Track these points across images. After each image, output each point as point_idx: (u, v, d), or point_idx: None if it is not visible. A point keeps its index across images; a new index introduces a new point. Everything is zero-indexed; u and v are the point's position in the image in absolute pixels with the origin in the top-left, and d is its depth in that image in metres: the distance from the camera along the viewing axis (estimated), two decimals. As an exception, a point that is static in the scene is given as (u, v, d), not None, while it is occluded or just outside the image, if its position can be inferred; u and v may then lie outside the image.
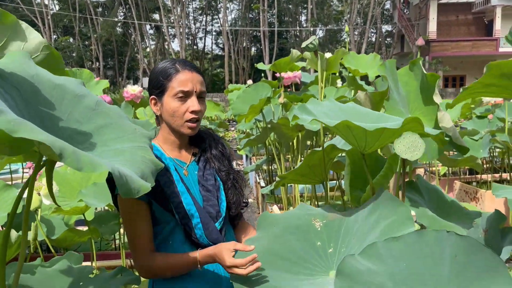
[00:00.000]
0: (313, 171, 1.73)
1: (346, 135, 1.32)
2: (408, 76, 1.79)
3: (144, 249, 1.24)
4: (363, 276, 0.85)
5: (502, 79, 1.32)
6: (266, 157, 4.04)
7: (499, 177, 4.16)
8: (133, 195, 0.79)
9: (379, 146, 1.38)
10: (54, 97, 0.94)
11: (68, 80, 1.01)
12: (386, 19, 30.20)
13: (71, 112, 0.96)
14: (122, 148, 0.96)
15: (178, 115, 1.30)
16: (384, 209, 1.17)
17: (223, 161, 1.41)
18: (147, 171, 0.91)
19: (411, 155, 1.17)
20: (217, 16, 37.24)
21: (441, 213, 1.66)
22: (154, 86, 1.34)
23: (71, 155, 0.71)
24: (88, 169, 0.72)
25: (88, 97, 1.02)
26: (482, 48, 25.05)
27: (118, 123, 1.02)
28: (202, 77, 1.36)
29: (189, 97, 1.31)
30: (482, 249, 0.86)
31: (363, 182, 1.54)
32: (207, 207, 1.31)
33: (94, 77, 3.93)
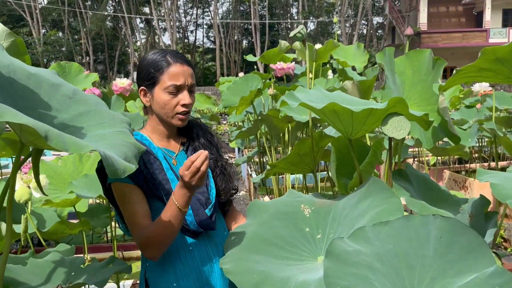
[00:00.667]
0: (303, 160, 1.75)
1: (333, 120, 1.33)
2: (404, 65, 1.81)
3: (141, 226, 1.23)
4: (351, 257, 0.87)
5: (495, 63, 1.34)
6: (257, 149, 4.06)
7: (487, 166, 4.22)
8: (120, 175, 0.80)
9: (366, 131, 1.39)
10: (31, 86, 0.94)
11: (42, 70, 1.02)
12: (377, 11, 30.22)
13: (49, 101, 0.96)
14: (103, 133, 0.97)
15: (169, 108, 1.31)
16: (374, 198, 1.19)
17: (211, 149, 1.42)
18: (130, 154, 0.92)
19: (397, 133, 1.20)
20: (208, 9, 37.02)
21: (430, 200, 1.69)
22: (144, 77, 1.33)
23: (56, 137, 0.72)
24: (74, 149, 0.73)
25: (64, 86, 1.03)
26: (472, 39, 25.17)
27: (97, 110, 1.03)
28: (192, 70, 1.36)
29: (180, 90, 1.31)
30: (466, 230, 0.89)
31: (349, 169, 1.56)
32: (196, 194, 1.32)
33: (83, 70, 3.90)
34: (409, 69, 1.83)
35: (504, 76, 1.45)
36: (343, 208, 1.30)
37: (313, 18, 29.05)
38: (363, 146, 1.58)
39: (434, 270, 0.85)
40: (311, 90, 1.46)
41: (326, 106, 1.16)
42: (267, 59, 3.21)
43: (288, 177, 3.29)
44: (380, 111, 1.24)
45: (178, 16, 30.29)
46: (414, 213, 2.08)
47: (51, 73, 1.03)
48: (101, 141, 0.93)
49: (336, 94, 1.47)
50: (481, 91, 4.05)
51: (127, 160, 0.88)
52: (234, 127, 5.61)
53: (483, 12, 25.91)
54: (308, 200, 1.38)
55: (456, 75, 1.47)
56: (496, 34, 24.96)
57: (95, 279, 1.21)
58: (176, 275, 1.29)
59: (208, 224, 1.31)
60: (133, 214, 1.23)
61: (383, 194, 1.15)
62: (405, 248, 0.89)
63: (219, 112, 13.08)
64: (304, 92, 1.41)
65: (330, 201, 1.36)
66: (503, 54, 1.32)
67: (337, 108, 1.22)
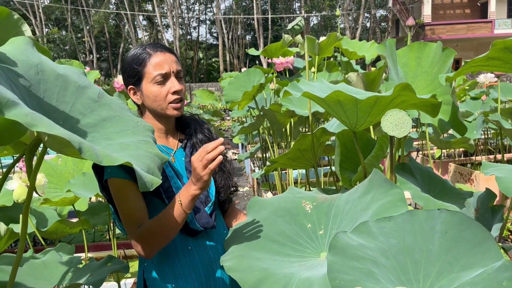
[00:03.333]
0: (304, 155, 1.72)
1: (337, 111, 1.30)
2: (407, 57, 1.77)
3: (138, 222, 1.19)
4: (355, 251, 0.85)
5: (504, 52, 1.31)
6: (260, 145, 4.03)
7: (493, 158, 4.17)
8: (149, 188, 0.81)
9: (371, 123, 1.36)
10: (58, 88, 0.93)
11: (70, 70, 0.99)
12: (380, 3, 29.99)
13: (74, 103, 0.94)
14: (126, 142, 0.95)
15: (160, 99, 1.28)
16: (377, 191, 1.16)
17: None
18: (153, 165, 0.90)
19: (398, 132, 1.16)
20: (210, 5, 36.92)
21: (434, 193, 1.66)
22: (130, 75, 1.31)
23: (89, 149, 0.72)
24: (107, 161, 0.73)
25: (90, 88, 1.01)
26: (477, 31, 24.95)
27: (121, 115, 1.01)
28: (175, 56, 1.34)
29: (167, 78, 1.29)
30: (471, 224, 0.86)
31: (353, 164, 1.52)
32: None
33: (84, 68, 3.89)
34: (413, 61, 1.79)
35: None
36: (346, 203, 1.27)
37: (315, 12, 28.87)
38: (368, 140, 1.54)
39: (440, 265, 0.83)
40: (314, 82, 1.43)
41: (330, 95, 1.12)
42: (269, 53, 3.18)
43: (291, 172, 3.26)
44: (386, 99, 1.21)
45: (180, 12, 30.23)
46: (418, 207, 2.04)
47: (79, 74, 1.01)
48: (124, 150, 0.91)
49: (340, 86, 1.44)
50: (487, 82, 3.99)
51: (150, 172, 0.87)
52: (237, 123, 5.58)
53: (488, 3, 25.65)
54: (309, 196, 1.35)
55: (465, 66, 1.44)
56: (502, 25, 24.73)
57: (92, 279, 1.19)
58: (175, 276, 1.27)
59: (208, 223, 1.29)
60: (129, 209, 1.20)
61: (385, 186, 1.12)
62: (410, 243, 0.86)
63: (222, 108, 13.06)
64: (307, 84, 1.38)
65: (332, 196, 1.33)
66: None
67: (341, 98, 1.18)
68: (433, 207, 1.45)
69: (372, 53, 3.55)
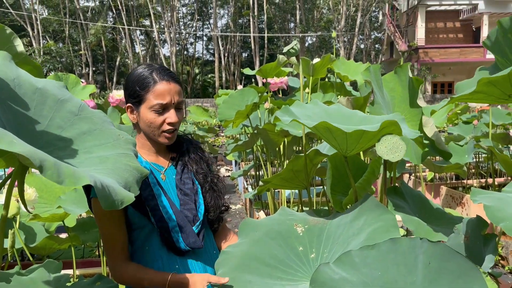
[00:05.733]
0: (297, 176, 1.72)
1: (327, 137, 1.31)
2: (394, 82, 1.79)
3: (117, 256, 1.23)
4: (337, 285, 0.84)
5: (487, 86, 1.34)
6: (253, 163, 4.03)
7: (484, 182, 4.19)
8: (117, 207, 0.77)
9: (361, 149, 1.37)
10: (35, 102, 0.92)
11: (50, 84, 0.99)
12: (374, 26, 30.44)
13: (53, 117, 0.93)
14: (105, 155, 0.93)
15: (154, 126, 1.29)
16: (369, 215, 1.16)
17: (201, 164, 1.40)
18: (131, 179, 0.89)
19: (392, 156, 1.17)
20: (207, 22, 37.27)
21: (425, 218, 1.67)
22: (131, 95, 1.31)
23: (51, 167, 0.69)
24: (69, 182, 0.70)
25: (70, 101, 1.00)
26: (469, 55, 25.36)
27: (102, 129, 1.00)
28: (180, 86, 1.34)
29: (167, 109, 1.29)
30: (454, 255, 0.86)
31: (345, 186, 1.53)
32: (184, 210, 1.30)
33: (80, 82, 3.88)
34: (399, 85, 1.82)
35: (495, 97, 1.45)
36: (337, 226, 1.27)
37: (311, 32, 29.24)
38: (360, 163, 1.55)
39: (425, 298, 0.82)
40: (308, 105, 1.44)
41: (318, 124, 1.14)
42: (264, 73, 3.20)
43: (283, 191, 3.26)
44: (372, 133, 1.22)
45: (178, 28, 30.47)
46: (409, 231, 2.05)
47: (59, 87, 1.00)
48: (102, 164, 0.90)
49: (335, 109, 1.45)
50: (478, 107, 4.05)
51: (127, 186, 0.85)
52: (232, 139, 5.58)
53: (480, 28, 26.16)
54: (301, 218, 1.34)
55: (450, 101, 1.46)
56: (494, 50, 25.11)
57: (80, 298, 1.17)
58: None
59: (195, 242, 1.28)
60: (112, 242, 1.22)
61: (378, 211, 1.13)
62: (393, 274, 0.85)
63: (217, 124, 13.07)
64: (300, 106, 1.39)
65: (324, 219, 1.33)
66: (497, 78, 1.32)
67: (329, 126, 1.20)
68: (423, 232, 1.46)
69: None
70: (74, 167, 0.76)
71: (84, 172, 0.75)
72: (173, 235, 1.25)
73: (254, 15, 28.05)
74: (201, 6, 33.57)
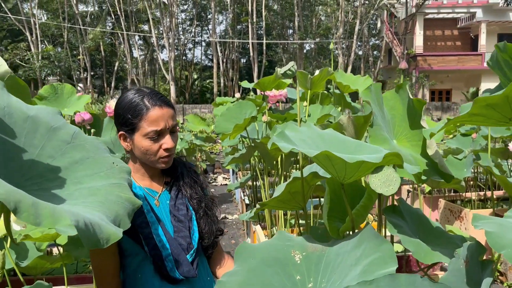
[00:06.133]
0: (294, 197, 1.69)
1: (326, 165, 1.29)
2: (395, 100, 1.77)
3: (107, 285, 1.19)
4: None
5: (486, 109, 1.32)
6: (250, 175, 4.00)
7: (483, 195, 4.17)
8: (101, 246, 0.74)
9: (359, 177, 1.35)
10: (26, 130, 0.89)
11: (43, 111, 0.96)
12: (373, 33, 30.55)
13: (44, 146, 0.91)
14: (96, 186, 0.91)
15: (151, 153, 1.26)
16: (367, 245, 1.14)
17: (195, 188, 1.37)
18: (122, 212, 0.86)
19: (386, 189, 1.14)
20: (206, 28, 37.36)
21: (424, 237, 1.64)
22: (123, 123, 1.28)
23: (28, 209, 0.66)
24: (48, 223, 0.67)
25: (64, 128, 0.97)
26: (467, 63, 25.47)
27: (95, 157, 0.97)
28: (172, 109, 1.31)
29: (162, 135, 1.26)
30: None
31: (342, 211, 1.50)
32: (178, 238, 1.27)
33: (76, 92, 3.85)
34: (400, 103, 1.79)
35: (495, 119, 1.43)
36: (336, 255, 1.25)
37: (309, 39, 29.31)
38: (357, 187, 1.52)
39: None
40: (302, 128, 1.41)
41: (319, 154, 1.11)
42: (262, 86, 3.18)
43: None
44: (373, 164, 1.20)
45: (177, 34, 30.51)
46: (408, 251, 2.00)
47: (53, 114, 0.98)
48: (93, 196, 0.87)
49: (328, 134, 1.43)
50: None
51: (117, 220, 0.83)
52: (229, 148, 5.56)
53: (478, 36, 26.29)
54: (299, 244, 1.31)
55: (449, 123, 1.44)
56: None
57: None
58: None
59: (189, 271, 1.25)
60: (102, 269, 1.19)
61: (376, 241, 1.10)
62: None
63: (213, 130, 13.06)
64: (295, 131, 1.37)
65: (322, 246, 1.30)
66: (493, 101, 1.30)
67: (330, 155, 1.17)
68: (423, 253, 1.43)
69: (365, 86, 3.57)
70: (55, 206, 0.73)
71: (65, 211, 0.72)
72: (166, 264, 1.22)
73: (252, 22, 28.12)
74: (200, 11, 33.65)
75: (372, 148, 1.34)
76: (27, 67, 26.53)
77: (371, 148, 1.35)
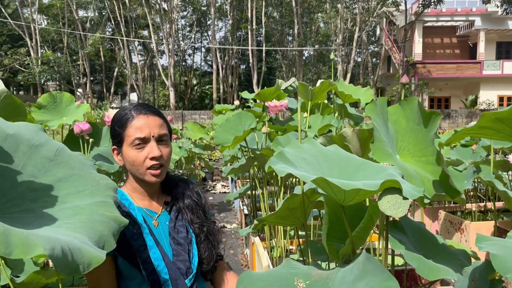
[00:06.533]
0: (293, 214, 1.66)
1: (324, 188, 1.26)
2: (398, 114, 1.75)
3: None
4: None
5: (496, 122, 1.30)
6: (249, 184, 3.97)
7: (483, 206, 4.15)
8: (82, 271, 0.70)
9: (359, 200, 1.32)
10: (6, 149, 0.86)
11: (24, 128, 0.93)
12: (372, 40, 30.64)
13: (25, 165, 0.87)
14: (80, 205, 0.87)
15: (138, 164, 1.22)
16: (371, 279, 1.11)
17: (197, 211, 1.33)
18: (107, 232, 0.83)
19: (395, 212, 1.12)
20: (206, 34, 37.44)
21: (426, 252, 1.62)
22: (112, 136, 1.27)
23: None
24: (19, 252, 0.63)
25: (46, 146, 0.94)
26: (466, 71, 25.53)
27: (80, 173, 0.94)
28: (161, 119, 1.27)
29: (147, 143, 1.23)
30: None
31: (342, 232, 1.47)
32: (177, 262, 1.23)
33: (75, 100, 3.83)
34: (403, 118, 1.77)
35: (506, 134, 1.41)
36: (340, 284, 1.22)
37: (308, 46, 29.38)
38: (358, 206, 1.50)
39: None
40: (304, 145, 1.39)
41: (315, 179, 1.09)
42: (262, 97, 3.16)
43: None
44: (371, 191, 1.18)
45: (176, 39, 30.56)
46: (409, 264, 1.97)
47: (35, 131, 0.95)
48: (76, 216, 0.84)
49: (331, 151, 1.40)
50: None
51: (101, 242, 0.80)
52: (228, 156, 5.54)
53: (477, 44, 26.38)
54: (303, 272, 1.28)
55: (456, 135, 1.42)
56: (490, 66, 25.35)
57: None
58: None
59: None
60: (97, 283, 1.15)
61: (381, 276, 1.07)
62: None
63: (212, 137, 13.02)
64: (296, 148, 1.34)
65: (327, 273, 1.27)
66: (504, 115, 1.28)
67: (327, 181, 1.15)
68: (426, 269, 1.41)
69: (367, 97, 3.56)
70: (28, 233, 0.69)
71: (40, 238, 0.69)
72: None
73: (252, 28, 28.18)
74: (199, 17, 33.73)
75: (376, 168, 1.32)
76: (26, 72, 26.54)
77: (375, 167, 1.33)
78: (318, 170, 1.30)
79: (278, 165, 1.19)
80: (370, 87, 2.36)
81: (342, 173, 1.35)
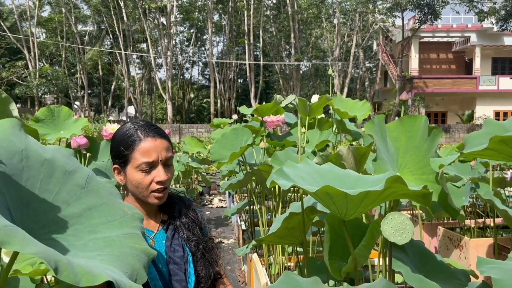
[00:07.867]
0: (291, 233, 1.65)
1: (326, 201, 1.25)
2: (398, 131, 1.75)
3: None
4: None
5: (499, 144, 1.31)
6: (247, 200, 3.95)
7: (482, 223, 4.13)
8: None
9: (361, 213, 1.31)
10: (42, 174, 0.86)
11: (58, 153, 0.93)
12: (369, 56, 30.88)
13: (59, 191, 0.88)
14: (111, 236, 0.87)
15: (143, 187, 1.21)
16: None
17: (193, 229, 1.31)
18: (138, 265, 0.83)
19: (399, 238, 1.10)
20: (203, 48, 37.68)
21: (426, 272, 1.61)
22: (116, 156, 1.25)
23: (66, 268, 0.64)
24: (86, 281, 0.64)
25: (78, 172, 0.94)
26: (462, 86, 25.73)
27: (108, 203, 0.94)
28: (167, 141, 1.27)
29: (154, 167, 1.22)
30: None
31: (343, 250, 1.46)
32: (173, 282, 1.21)
33: (73, 114, 3.82)
34: (403, 135, 1.77)
35: (506, 155, 1.41)
36: None
37: (306, 60, 29.58)
38: (358, 224, 1.49)
39: None
40: (300, 165, 1.39)
41: (319, 190, 1.08)
42: (260, 112, 3.16)
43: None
44: (376, 193, 1.17)
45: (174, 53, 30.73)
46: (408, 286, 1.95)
47: (68, 157, 0.95)
48: (108, 248, 0.84)
49: (326, 169, 1.40)
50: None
51: (133, 275, 0.79)
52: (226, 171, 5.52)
53: (473, 59, 26.65)
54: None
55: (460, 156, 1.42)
56: (486, 82, 25.56)
57: None
58: None
59: None
60: None
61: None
62: None
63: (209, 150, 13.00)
64: (292, 167, 1.35)
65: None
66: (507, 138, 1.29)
67: (331, 191, 1.14)
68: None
69: (364, 112, 3.56)
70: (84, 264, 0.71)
71: (96, 268, 0.71)
72: None
73: (249, 43, 28.38)
74: (197, 32, 33.97)
75: (373, 180, 1.31)
76: (24, 85, 26.56)
77: (372, 179, 1.32)
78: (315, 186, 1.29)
79: (280, 181, 1.19)
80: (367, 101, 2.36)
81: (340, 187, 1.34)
